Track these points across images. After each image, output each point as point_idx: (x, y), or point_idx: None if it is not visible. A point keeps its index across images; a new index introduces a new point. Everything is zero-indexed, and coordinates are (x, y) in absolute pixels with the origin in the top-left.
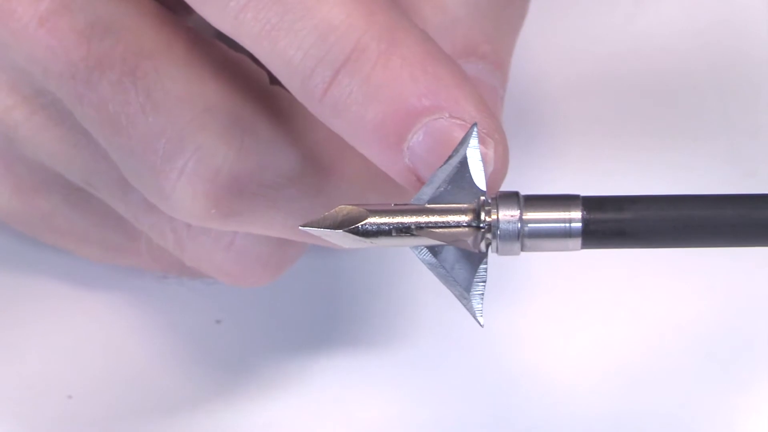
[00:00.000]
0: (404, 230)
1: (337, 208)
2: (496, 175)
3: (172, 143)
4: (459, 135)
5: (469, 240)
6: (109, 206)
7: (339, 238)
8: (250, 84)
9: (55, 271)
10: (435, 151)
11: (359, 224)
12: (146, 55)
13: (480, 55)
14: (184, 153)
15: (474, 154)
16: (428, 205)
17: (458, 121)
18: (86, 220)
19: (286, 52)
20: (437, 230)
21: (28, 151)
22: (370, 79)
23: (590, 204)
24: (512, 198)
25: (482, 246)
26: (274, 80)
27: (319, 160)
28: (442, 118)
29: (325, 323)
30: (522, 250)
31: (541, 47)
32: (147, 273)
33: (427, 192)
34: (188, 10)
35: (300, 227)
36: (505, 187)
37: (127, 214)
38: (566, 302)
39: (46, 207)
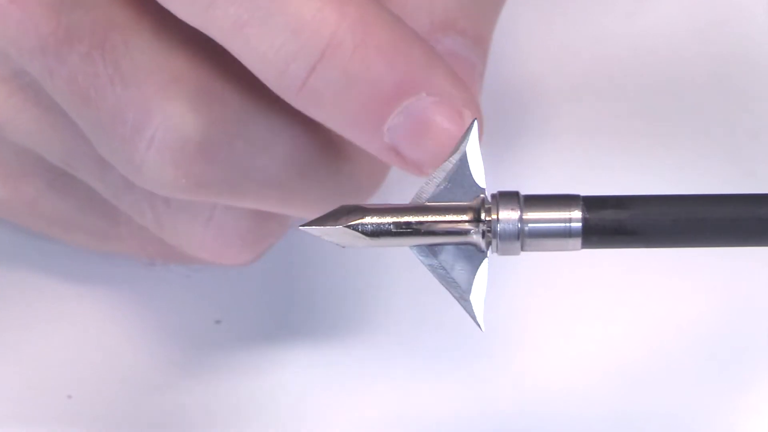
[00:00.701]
0: (404, 228)
1: (337, 207)
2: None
3: (141, 114)
4: (436, 113)
5: (469, 239)
6: (92, 190)
7: (339, 235)
8: (220, 54)
9: (55, 271)
10: (414, 130)
11: (359, 222)
12: (115, 27)
13: (458, 29)
14: (152, 123)
15: (474, 151)
16: (428, 204)
17: (434, 99)
18: (70, 205)
19: (259, 48)
20: (437, 229)
21: (8, 134)
22: (348, 72)
23: (590, 204)
24: (512, 198)
25: (482, 245)
26: None
27: (291, 128)
28: (419, 98)
29: (325, 323)
30: (522, 249)
31: (541, 47)
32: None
33: (427, 190)
34: None
35: (300, 227)
36: (505, 186)
37: (106, 194)
38: (566, 302)
39: (31, 193)
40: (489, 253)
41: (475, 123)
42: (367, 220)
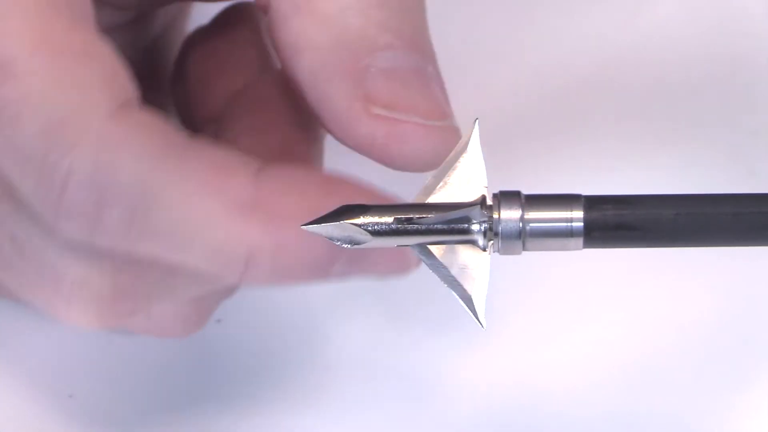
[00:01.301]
0: (405, 227)
1: (338, 206)
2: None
3: (50, 283)
4: None
5: (471, 239)
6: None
7: (340, 234)
8: None
9: None
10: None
11: (360, 221)
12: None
13: (383, 46)
14: (63, 289)
15: (475, 151)
16: (430, 202)
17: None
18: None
19: (189, 266)
20: (438, 228)
21: None
22: (275, 269)
23: (592, 203)
24: (514, 197)
25: (484, 245)
26: None
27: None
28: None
29: (325, 323)
30: (524, 249)
31: (541, 47)
32: None
33: (429, 189)
34: None
35: (301, 226)
36: (507, 186)
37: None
38: (567, 302)
39: None
40: (490, 252)
41: (476, 123)
42: (369, 218)
